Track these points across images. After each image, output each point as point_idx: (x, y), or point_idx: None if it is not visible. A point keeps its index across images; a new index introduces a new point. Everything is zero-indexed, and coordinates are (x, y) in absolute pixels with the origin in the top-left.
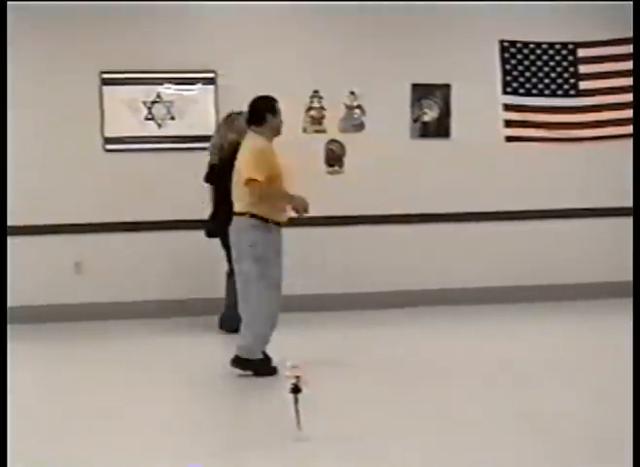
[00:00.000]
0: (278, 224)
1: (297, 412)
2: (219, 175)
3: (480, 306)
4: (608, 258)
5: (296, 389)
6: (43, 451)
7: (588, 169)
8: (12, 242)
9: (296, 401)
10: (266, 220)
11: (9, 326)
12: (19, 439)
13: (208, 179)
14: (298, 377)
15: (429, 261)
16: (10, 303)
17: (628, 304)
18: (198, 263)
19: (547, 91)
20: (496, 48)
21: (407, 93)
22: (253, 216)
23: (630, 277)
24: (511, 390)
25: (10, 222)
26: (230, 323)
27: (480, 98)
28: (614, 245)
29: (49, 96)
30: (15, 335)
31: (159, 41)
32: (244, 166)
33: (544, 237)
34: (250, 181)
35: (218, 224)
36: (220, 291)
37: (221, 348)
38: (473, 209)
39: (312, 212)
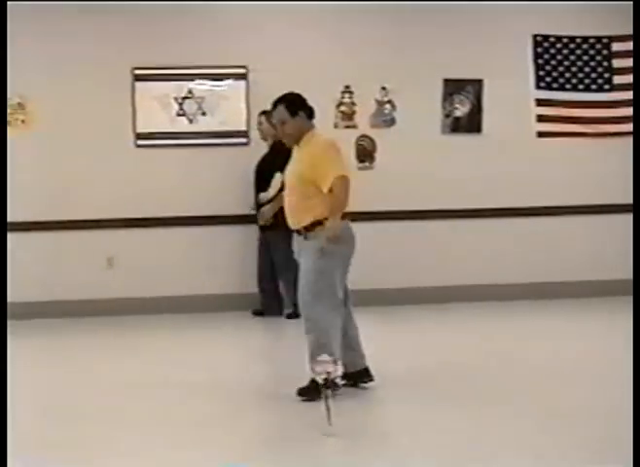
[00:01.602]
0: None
1: (327, 407)
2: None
3: (507, 303)
4: None
5: (327, 385)
6: (74, 443)
7: (624, 165)
8: (44, 238)
9: (326, 397)
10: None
11: (42, 321)
12: (45, 430)
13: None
14: (329, 373)
15: (460, 256)
16: (42, 298)
17: None
18: (231, 258)
19: (580, 86)
20: (529, 42)
21: (438, 89)
22: None
23: None
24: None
25: (42, 217)
26: None
27: (513, 93)
28: None
29: (81, 92)
30: (48, 330)
31: (190, 37)
32: None
33: (580, 233)
34: None
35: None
36: (252, 286)
37: (251, 343)
38: (504, 205)
39: None
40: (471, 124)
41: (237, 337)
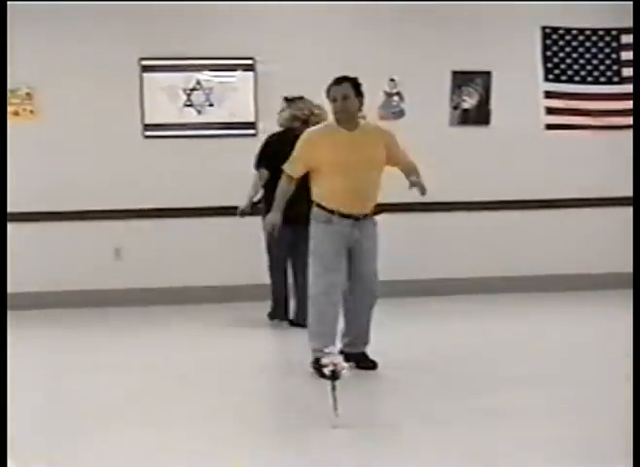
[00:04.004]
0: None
1: (334, 398)
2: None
3: (518, 294)
4: None
5: (333, 376)
6: (83, 431)
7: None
8: (52, 229)
9: (333, 388)
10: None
11: (51, 311)
12: (58, 419)
13: None
14: (335, 364)
15: (468, 249)
16: (50, 288)
17: None
18: (239, 249)
19: (589, 79)
20: (538, 34)
21: (446, 80)
22: None
23: None
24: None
25: (49, 208)
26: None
27: (521, 86)
28: None
29: (89, 82)
30: (57, 320)
31: (198, 28)
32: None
33: (586, 226)
34: None
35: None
36: (262, 277)
37: (260, 334)
38: (512, 197)
39: None
40: (479, 116)
41: (246, 327)
